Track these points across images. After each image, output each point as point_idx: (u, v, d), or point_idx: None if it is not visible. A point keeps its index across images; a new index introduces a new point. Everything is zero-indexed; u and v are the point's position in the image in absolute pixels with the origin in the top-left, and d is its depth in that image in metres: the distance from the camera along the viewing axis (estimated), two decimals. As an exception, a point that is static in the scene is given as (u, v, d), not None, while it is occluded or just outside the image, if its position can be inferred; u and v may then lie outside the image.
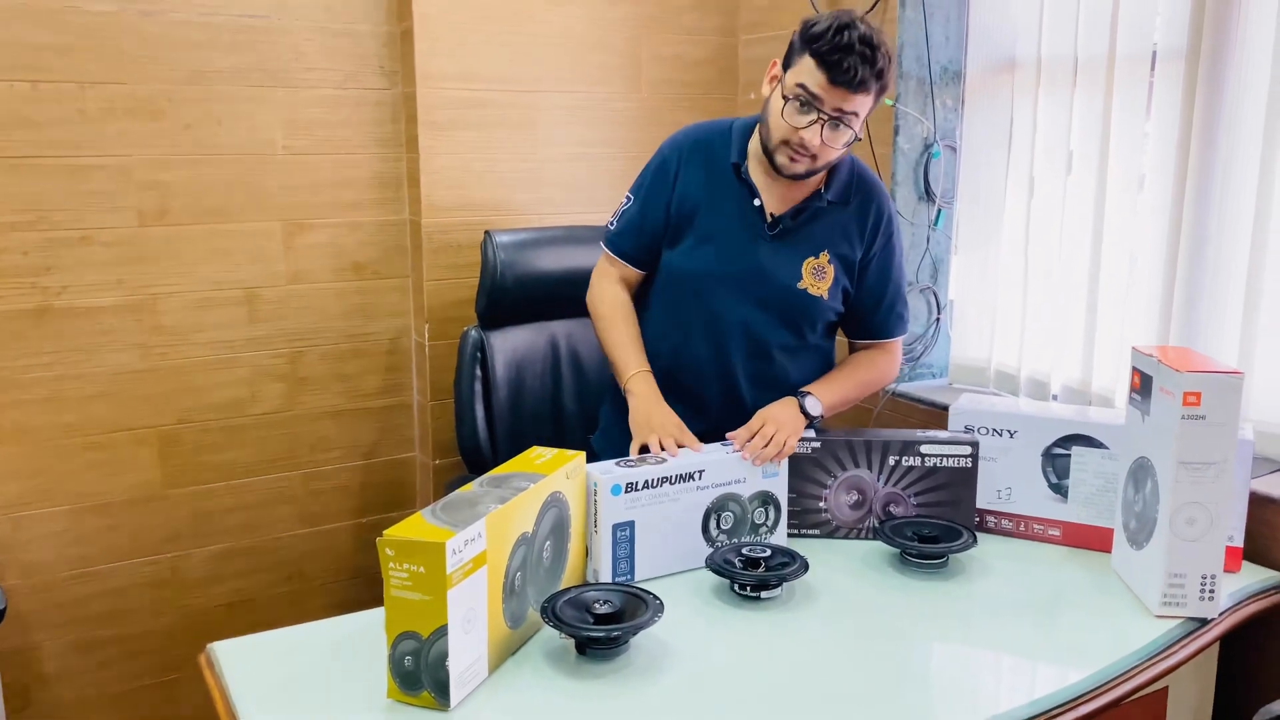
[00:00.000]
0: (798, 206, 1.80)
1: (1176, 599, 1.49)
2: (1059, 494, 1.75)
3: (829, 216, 1.81)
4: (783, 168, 1.72)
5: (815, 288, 1.81)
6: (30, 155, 2.07)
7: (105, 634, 2.29)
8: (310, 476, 2.46)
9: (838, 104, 1.64)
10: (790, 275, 1.80)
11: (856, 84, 1.61)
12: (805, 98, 1.64)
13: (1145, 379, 1.54)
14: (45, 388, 2.15)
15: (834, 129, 1.66)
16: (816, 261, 1.81)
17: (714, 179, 1.81)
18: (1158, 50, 1.94)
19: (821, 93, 1.63)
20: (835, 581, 1.61)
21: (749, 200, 1.79)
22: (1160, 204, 1.95)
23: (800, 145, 1.67)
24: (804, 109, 1.65)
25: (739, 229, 1.80)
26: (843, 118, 1.65)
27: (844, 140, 1.68)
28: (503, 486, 1.38)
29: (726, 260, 1.80)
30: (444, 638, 1.21)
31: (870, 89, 1.64)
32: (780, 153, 1.71)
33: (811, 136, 1.65)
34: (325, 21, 2.30)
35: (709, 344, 1.82)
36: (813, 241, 1.81)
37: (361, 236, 2.42)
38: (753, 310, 1.81)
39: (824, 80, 1.62)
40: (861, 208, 1.83)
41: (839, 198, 1.81)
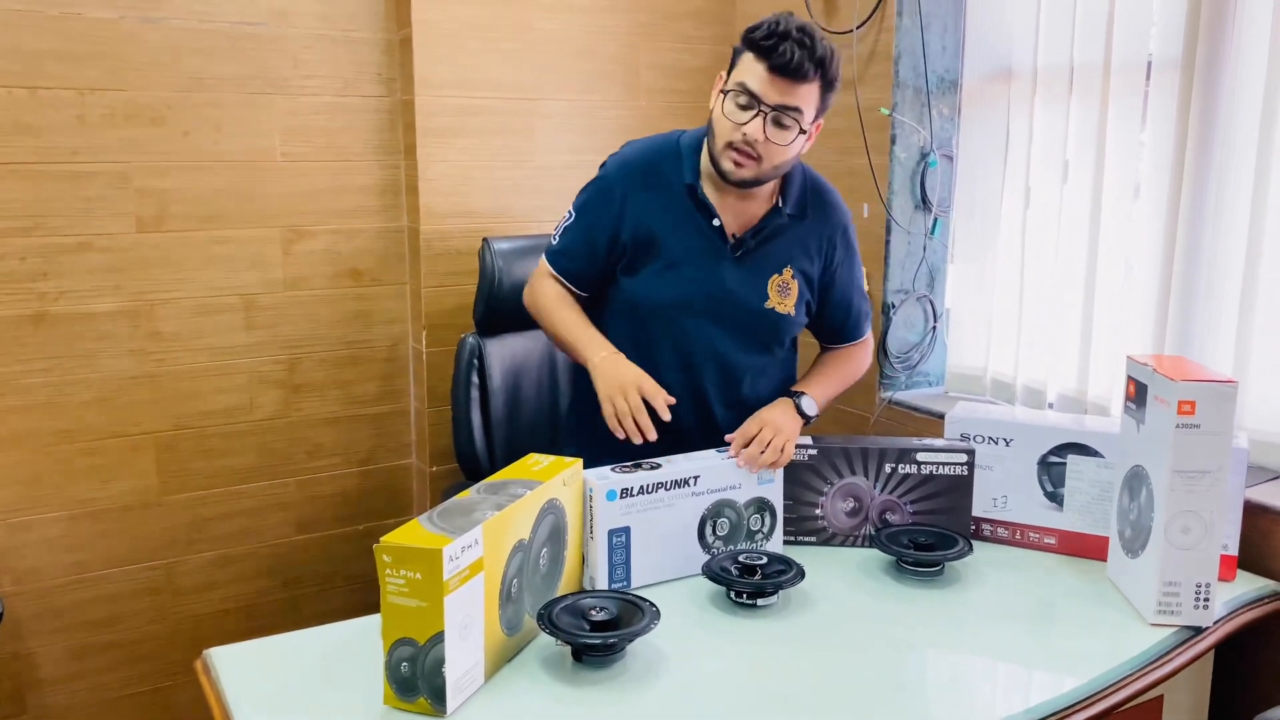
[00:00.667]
0: (758, 225, 1.77)
1: (1171, 607, 1.49)
2: (1054, 502, 1.75)
3: (789, 231, 1.79)
4: (729, 173, 1.67)
5: (782, 305, 1.80)
6: (29, 161, 2.08)
7: (101, 640, 2.29)
8: (307, 483, 2.46)
9: (779, 98, 1.60)
10: (758, 296, 1.78)
11: (795, 70, 1.58)
12: (745, 94, 1.61)
13: (1140, 388, 1.54)
14: (42, 393, 2.15)
15: (777, 126, 1.62)
16: (781, 279, 1.79)
17: (668, 203, 1.76)
18: (1153, 60, 1.95)
19: (762, 87, 1.60)
20: (831, 589, 1.61)
21: (707, 221, 1.75)
22: (1155, 213, 1.96)
23: (744, 144, 1.63)
24: (745, 106, 1.62)
25: (701, 253, 1.76)
26: (786, 113, 1.61)
27: (789, 139, 1.64)
28: (499, 493, 1.38)
29: (693, 287, 1.76)
30: (440, 644, 1.21)
31: (811, 78, 1.60)
32: (725, 157, 1.67)
33: (754, 131, 1.61)
34: (324, 29, 2.31)
35: (681, 372, 1.79)
36: (775, 259, 1.79)
37: (359, 243, 2.42)
38: (723, 335, 1.79)
39: (763, 72, 1.59)
40: (820, 219, 1.82)
41: (796, 210, 1.79)
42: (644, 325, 1.79)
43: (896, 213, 2.33)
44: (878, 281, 2.37)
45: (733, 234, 1.77)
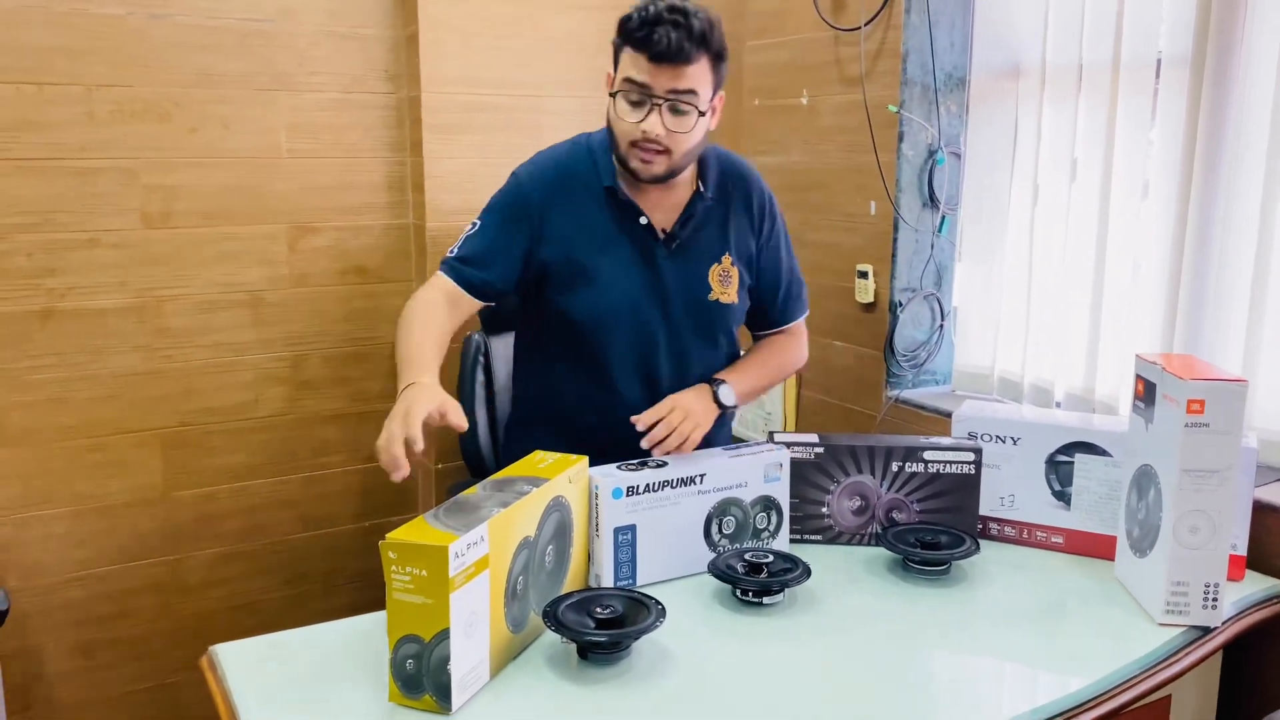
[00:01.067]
0: (684, 214, 1.72)
1: (1179, 607, 1.49)
2: (1062, 501, 1.74)
3: (717, 215, 1.75)
4: (640, 172, 1.63)
5: (725, 295, 1.76)
6: (36, 157, 2.08)
7: (107, 636, 2.29)
8: (312, 480, 2.46)
9: (667, 85, 1.55)
10: (700, 288, 1.74)
11: (676, 54, 1.52)
12: (633, 89, 1.56)
13: (1149, 386, 1.54)
14: (49, 389, 2.15)
15: (675, 114, 1.57)
16: (721, 267, 1.75)
17: (591, 209, 1.70)
18: (1163, 57, 1.94)
19: (647, 78, 1.55)
20: (837, 588, 1.61)
21: (634, 221, 1.70)
22: (1164, 211, 1.95)
23: (647, 141, 1.58)
24: (637, 102, 1.57)
25: (634, 255, 1.71)
26: (679, 99, 1.56)
27: (690, 124, 1.58)
28: (505, 490, 1.38)
29: (633, 292, 1.71)
30: (446, 641, 1.21)
31: (694, 58, 1.54)
32: (631, 158, 1.62)
33: (653, 127, 1.56)
34: (331, 25, 2.31)
35: (639, 382, 1.76)
36: (711, 247, 1.75)
37: (366, 240, 2.42)
38: (673, 334, 1.75)
39: (645, 63, 1.54)
40: (744, 198, 1.78)
41: (718, 194, 1.75)
42: (590, 340, 1.73)
43: (904, 211, 2.33)
44: (885, 279, 2.37)
45: (662, 229, 1.72)
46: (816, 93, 2.52)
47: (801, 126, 2.58)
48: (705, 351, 1.79)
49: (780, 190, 2.66)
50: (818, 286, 2.57)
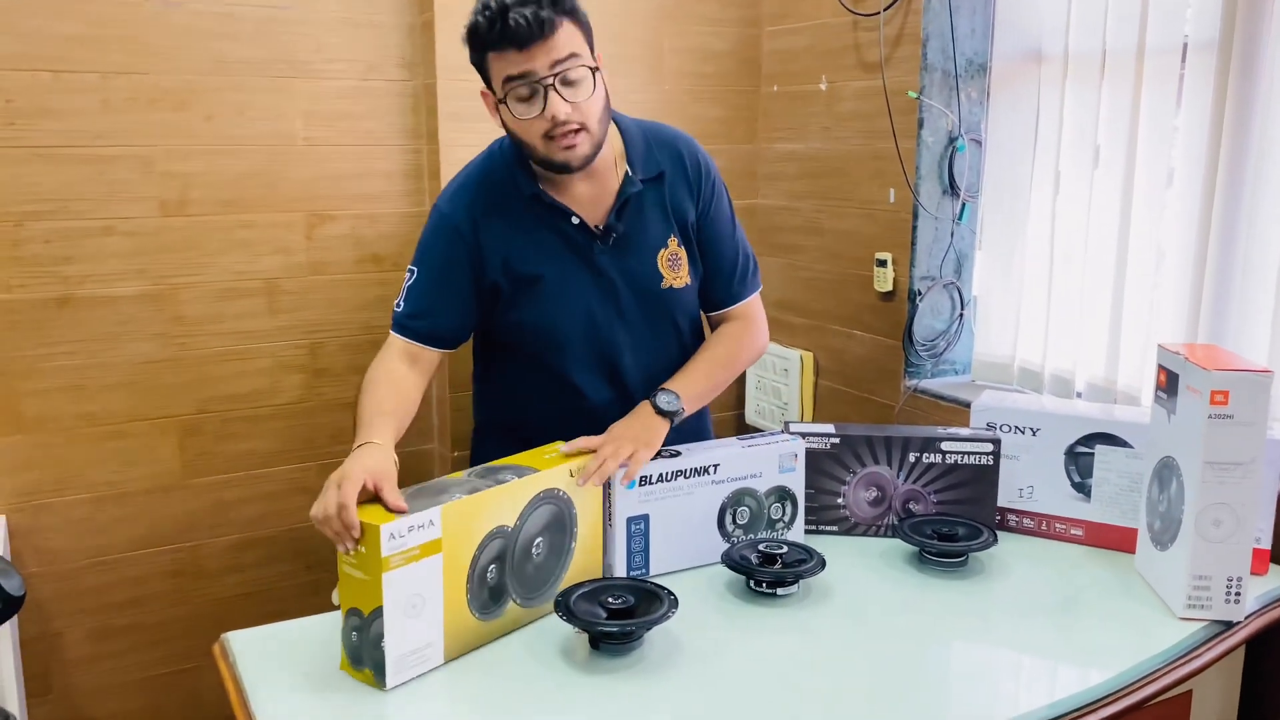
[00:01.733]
0: (617, 203, 1.64)
1: (1201, 601, 1.46)
2: (1082, 493, 1.72)
3: (652, 197, 1.67)
4: (570, 162, 1.54)
5: (678, 279, 1.70)
6: (53, 145, 2.08)
7: (124, 622, 2.30)
8: (329, 467, 2.41)
9: (546, 62, 1.47)
10: (650, 278, 1.68)
11: (540, 28, 1.45)
12: (517, 86, 1.49)
13: (1172, 377, 1.51)
14: (66, 376, 2.16)
15: (568, 85, 1.50)
16: (668, 252, 1.69)
17: (519, 220, 1.64)
18: (1189, 42, 1.90)
19: (525, 66, 1.47)
20: (853, 579, 1.59)
21: (566, 222, 1.64)
22: (1189, 199, 1.92)
23: (559, 126, 1.50)
24: (527, 97, 1.50)
25: (574, 259, 1.65)
26: (563, 69, 1.48)
27: (587, 89, 1.51)
28: (487, 478, 1.38)
29: (581, 296, 1.65)
30: (380, 619, 1.23)
31: (557, 24, 1.47)
32: (553, 152, 1.53)
33: (557, 109, 1.48)
34: (347, 13, 2.30)
35: (604, 384, 1.71)
36: (653, 233, 1.68)
37: (382, 228, 2.42)
38: (631, 330, 1.70)
39: (515, 54, 1.47)
40: (677, 166, 1.69)
41: (650, 173, 1.67)
42: (548, 352, 1.69)
43: (923, 198, 2.30)
44: (904, 268, 2.34)
45: (596, 225, 1.65)
46: (835, 78, 2.50)
47: (820, 113, 2.55)
48: (667, 342, 1.73)
49: (798, 177, 2.65)
50: (836, 275, 2.55)
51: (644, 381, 1.72)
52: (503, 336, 1.73)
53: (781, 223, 2.73)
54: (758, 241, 2.81)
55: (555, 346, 1.69)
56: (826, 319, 2.61)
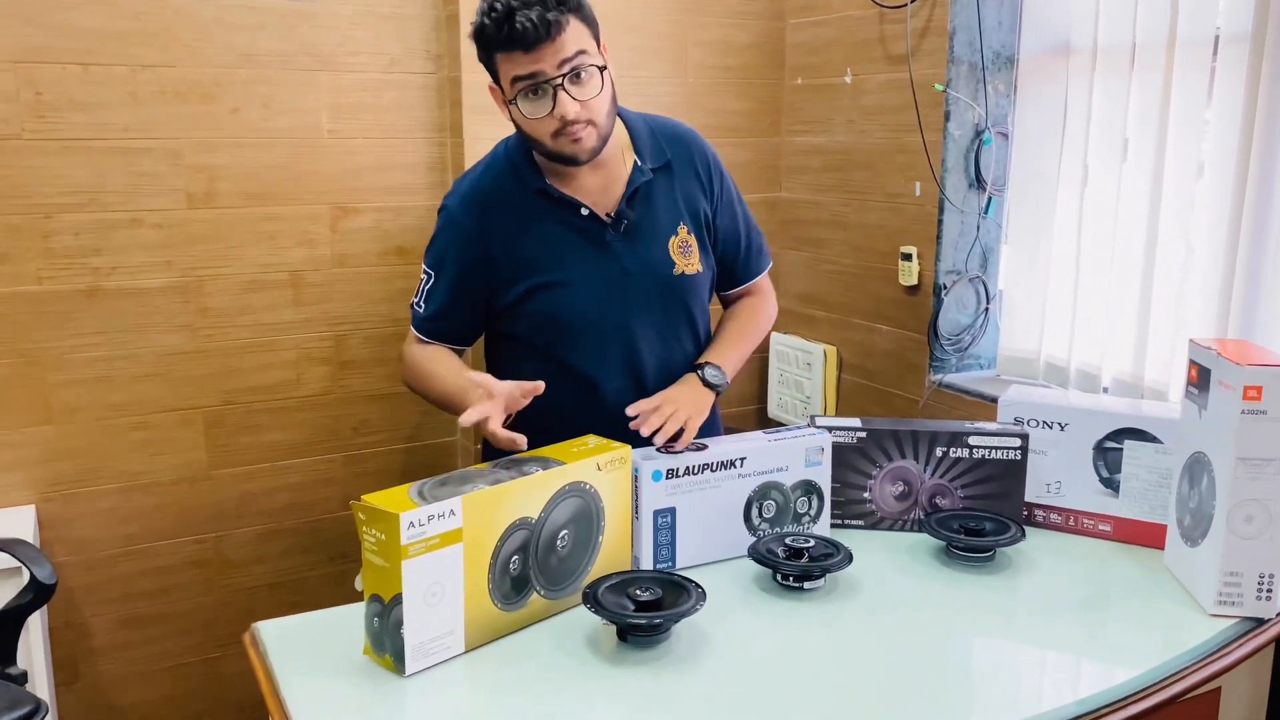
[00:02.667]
0: (627, 192, 1.65)
1: (1232, 598, 1.45)
2: (1110, 489, 1.71)
3: (661, 185, 1.69)
4: (579, 154, 1.57)
5: (690, 266, 1.71)
6: (83, 138, 2.10)
7: (151, 611, 2.32)
8: (353, 459, 2.48)
9: (554, 62, 1.49)
10: (663, 264, 1.69)
11: (547, 30, 1.46)
12: (526, 83, 1.51)
13: (1203, 372, 1.50)
14: (95, 367, 2.18)
15: (576, 82, 1.51)
16: (679, 239, 1.70)
17: (529, 215, 1.65)
18: (1220, 34, 1.88)
19: (533, 67, 1.49)
20: (879, 574, 1.59)
21: (575, 213, 1.65)
22: (1220, 193, 1.90)
23: (569, 123, 1.52)
24: (536, 95, 1.51)
25: (587, 249, 1.66)
26: (570, 68, 1.50)
27: (595, 86, 1.53)
28: (512, 469, 1.38)
29: (595, 288, 1.66)
30: (399, 606, 1.25)
31: (564, 24, 1.48)
32: (562, 146, 1.56)
33: (567, 108, 1.51)
34: (372, 5, 2.31)
35: (623, 374, 1.71)
36: (664, 220, 1.69)
37: (406, 221, 2.42)
38: (647, 317, 1.70)
39: (522, 56, 1.48)
40: (686, 160, 1.72)
41: (658, 162, 1.69)
42: (566, 345, 1.69)
43: (950, 191, 2.29)
44: (929, 261, 2.33)
45: (606, 214, 1.66)
46: (860, 71, 2.48)
47: (845, 105, 2.54)
48: (680, 330, 1.74)
49: (822, 170, 2.64)
50: (860, 268, 2.54)
51: (659, 370, 1.73)
52: (517, 331, 1.72)
53: (805, 216, 2.72)
54: (781, 234, 2.81)
55: (571, 337, 1.69)
56: (850, 313, 2.60)
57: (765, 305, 1.87)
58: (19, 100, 2.03)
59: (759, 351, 2.78)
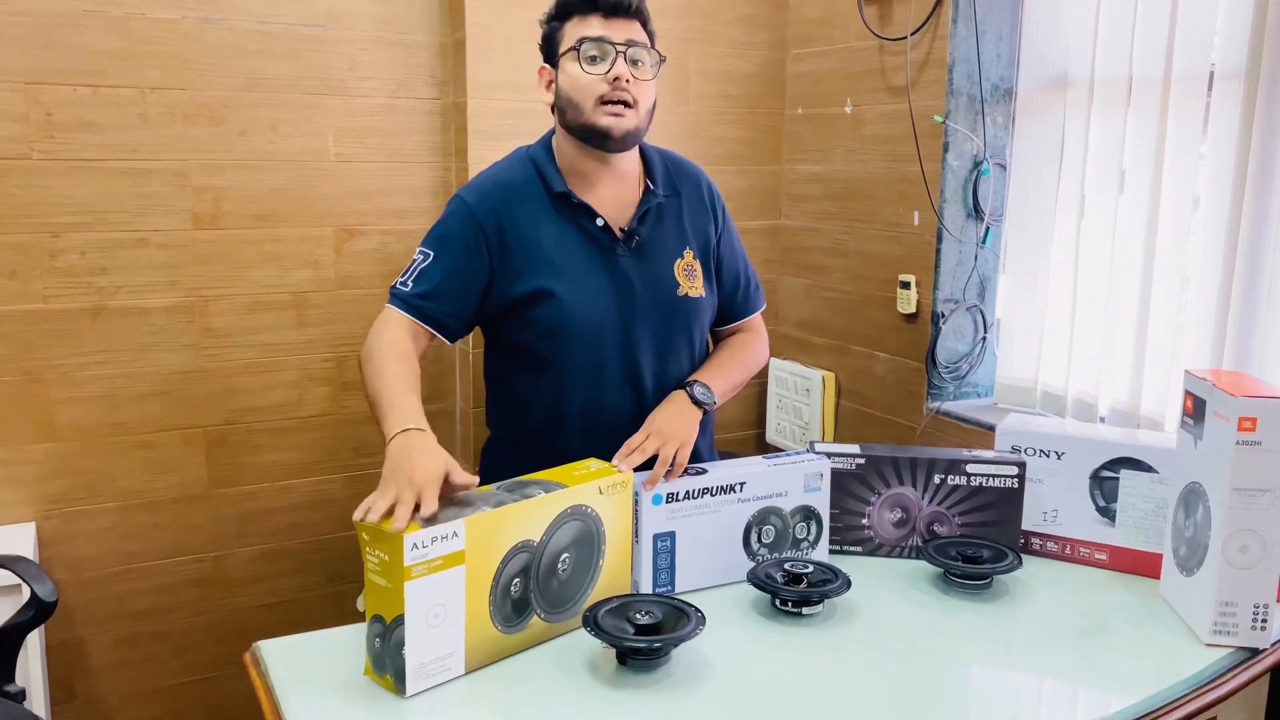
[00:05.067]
0: (639, 211, 1.70)
1: (1227, 628, 1.46)
2: (1106, 517, 1.72)
3: (670, 211, 1.74)
4: (612, 129, 1.60)
5: (694, 289, 1.74)
6: (92, 158, 2.12)
7: (149, 630, 2.32)
8: (353, 479, 2.49)
9: (621, 34, 1.60)
10: (668, 284, 1.72)
11: (629, 8, 1.61)
12: (592, 44, 1.59)
13: (1198, 403, 1.51)
14: (98, 385, 2.19)
15: (634, 64, 1.61)
16: (684, 262, 1.73)
17: (545, 221, 1.67)
18: (1215, 70, 1.91)
19: (603, 31, 1.60)
20: (877, 600, 1.60)
21: (591, 223, 1.67)
22: (1215, 225, 1.92)
23: (618, 91, 1.59)
24: (597, 56, 1.60)
25: (596, 259, 1.67)
26: (636, 48, 1.61)
27: (650, 73, 1.64)
28: (515, 492, 1.39)
29: (602, 298, 1.67)
30: (401, 627, 1.25)
31: (643, 10, 1.64)
32: (600, 116, 1.60)
33: (621, 70, 1.59)
34: (379, 31, 2.34)
35: (625, 388, 1.72)
36: (671, 242, 1.73)
37: (410, 243, 2.44)
38: (649, 334, 1.71)
39: (598, 20, 1.60)
40: (694, 190, 1.78)
41: (669, 190, 1.75)
42: (565, 357, 1.69)
43: (948, 221, 2.31)
44: (927, 290, 2.35)
45: (620, 228, 1.69)
46: (860, 102, 2.52)
47: (845, 135, 2.57)
48: (681, 349, 1.76)
49: (822, 199, 2.67)
50: (860, 296, 2.56)
51: (656, 385, 1.74)
52: (516, 340, 1.71)
53: (805, 243, 2.74)
54: (781, 261, 2.83)
55: (571, 346, 1.69)
56: (849, 339, 2.62)
57: (757, 342, 1.88)
58: (29, 120, 2.06)
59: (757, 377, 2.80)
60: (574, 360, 1.70)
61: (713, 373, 1.76)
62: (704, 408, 1.67)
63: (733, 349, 1.84)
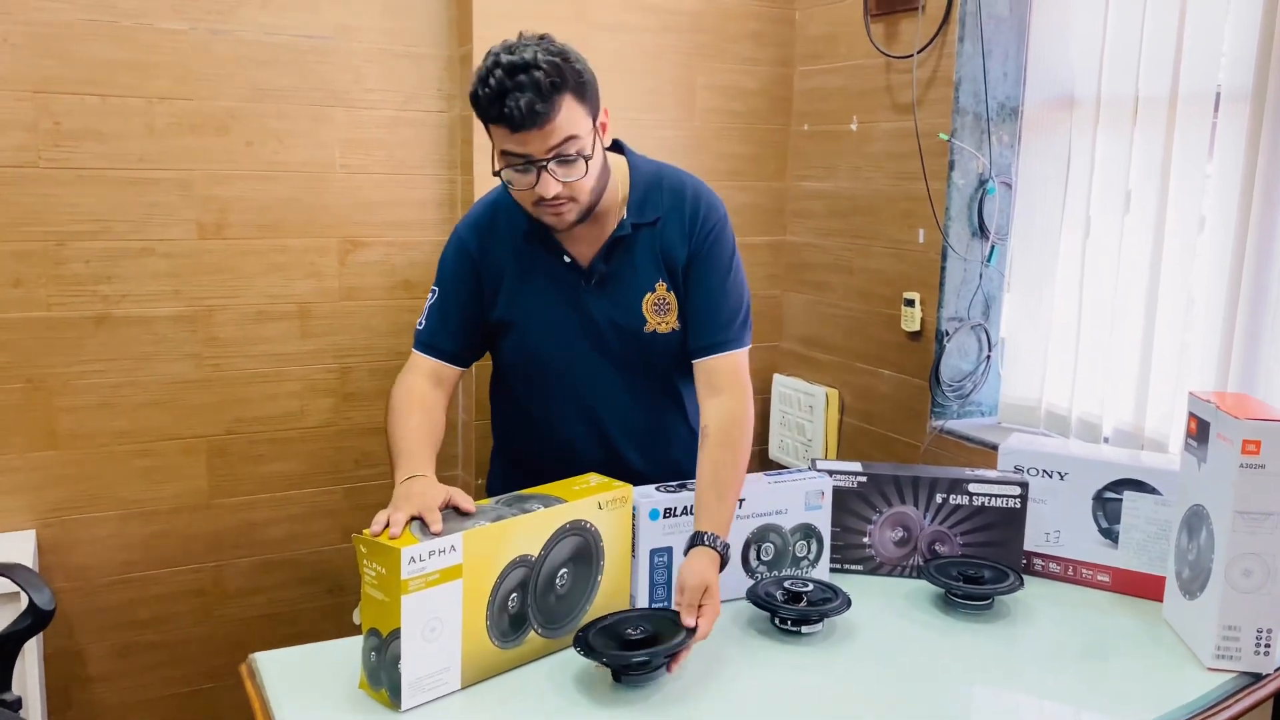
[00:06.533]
0: (605, 246, 1.65)
1: (1230, 652, 1.45)
2: (1109, 539, 1.71)
3: (643, 242, 1.66)
4: (557, 224, 1.57)
5: (663, 325, 1.67)
6: (98, 167, 2.13)
7: (147, 639, 2.32)
8: (354, 491, 2.48)
9: (542, 146, 1.47)
10: (633, 319, 1.66)
11: (535, 119, 1.43)
12: (515, 161, 1.49)
13: (1202, 425, 1.50)
14: (100, 394, 2.19)
15: (563, 164, 1.49)
16: (655, 296, 1.67)
17: (518, 253, 1.67)
18: (1222, 90, 1.91)
19: (521, 148, 1.47)
20: (877, 619, 1.59)
21: (558, 260, 1.66)
22: (1221, 246, 1.91)
23: (548, 201, 1.51)
24: (522, 170, 1.50)
25: (560, 295, 1.66)
26: (557, 153, 1.48)
27: (582, 168, 1.50)
28: (513, 506, 1.39)
29: (566, 333, 1.67)
30: (398, 641, 1.24)
31: (552, 112, 1.44)
32: (541, 214, 1.56)
33: (547, 189, 1.49)
34: (387, 44, 2.34)
35: (581, 421, 1.72)
36: (640, 277, 1.66)
37: (414, 255, 2.45)
38: (610, 370, 1.69)
39: (507, 134, 1.46)
40: (676, 209, 1.67)
41: (644, 218, 1.65)
42: (530, 382, 1.74)
43: (953, 239, 2.31)
44: (932, 308, 2.35)
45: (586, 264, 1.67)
46: (866, 119, 2.52)
47: (850, 152, 2.57)
48: (647, 385, 1.73)
49: (827, 216, 2.66)
50: (863, 313, 2.55)
51: (620, 424, 1.72)
52: (501, 366, 1.79)
53: (809, 259, 2.74)
54: (784, 277, 2.83)
55: (534, 380, 1.74)
56: (853, 357, 2.61)
57: (743, 419, 1.59)
58: (37, 129, 2.06)
59: (760, 394, 2.80)
60: (539, 391, 1.74)
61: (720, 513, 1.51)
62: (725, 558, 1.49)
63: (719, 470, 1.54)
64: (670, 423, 1.77)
